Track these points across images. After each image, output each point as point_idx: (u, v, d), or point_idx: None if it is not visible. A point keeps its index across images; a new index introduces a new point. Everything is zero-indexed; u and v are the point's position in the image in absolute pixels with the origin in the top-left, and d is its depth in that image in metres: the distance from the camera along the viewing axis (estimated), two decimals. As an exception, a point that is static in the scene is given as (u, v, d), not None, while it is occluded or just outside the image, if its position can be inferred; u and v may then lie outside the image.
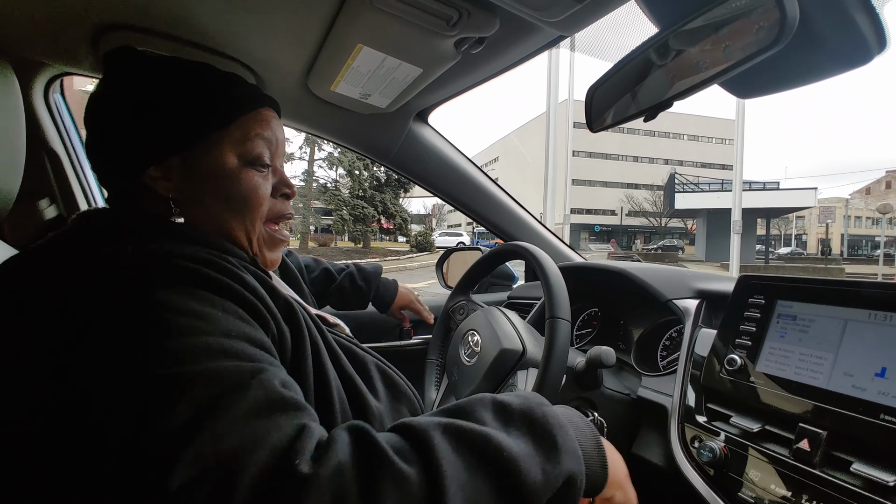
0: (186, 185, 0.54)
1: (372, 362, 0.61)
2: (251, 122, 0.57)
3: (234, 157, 0.55)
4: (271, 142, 0.59)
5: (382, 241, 28.57)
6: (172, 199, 0.54)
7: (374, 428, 0.51)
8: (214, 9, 0.73)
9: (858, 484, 0.52)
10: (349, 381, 0.55)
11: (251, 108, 0.58)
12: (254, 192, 0.56)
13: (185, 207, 0.54)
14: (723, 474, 0.65)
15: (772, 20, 0.41)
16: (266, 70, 0.93)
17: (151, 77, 0.55)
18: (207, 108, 0.55)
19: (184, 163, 0.54)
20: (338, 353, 0.56)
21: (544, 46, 0.77)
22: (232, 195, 0.55)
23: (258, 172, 0.57)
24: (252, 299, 0.45)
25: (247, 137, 0.56)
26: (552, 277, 0.78)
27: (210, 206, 0.55)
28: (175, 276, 0.42)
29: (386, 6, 0.64)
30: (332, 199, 18.68)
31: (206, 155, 0.54)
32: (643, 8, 0.57)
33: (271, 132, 0.59)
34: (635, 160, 42.21)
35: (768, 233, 26.18)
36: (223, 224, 0.55)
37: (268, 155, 0.58)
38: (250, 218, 0.56)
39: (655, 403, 0.83)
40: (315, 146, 18.49)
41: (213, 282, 0.43)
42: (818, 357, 0.61)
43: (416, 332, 1.40)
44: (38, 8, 0.73)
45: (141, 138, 0.53)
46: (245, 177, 0.55)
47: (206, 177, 0.54)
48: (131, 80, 0.55)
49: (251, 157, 0.56)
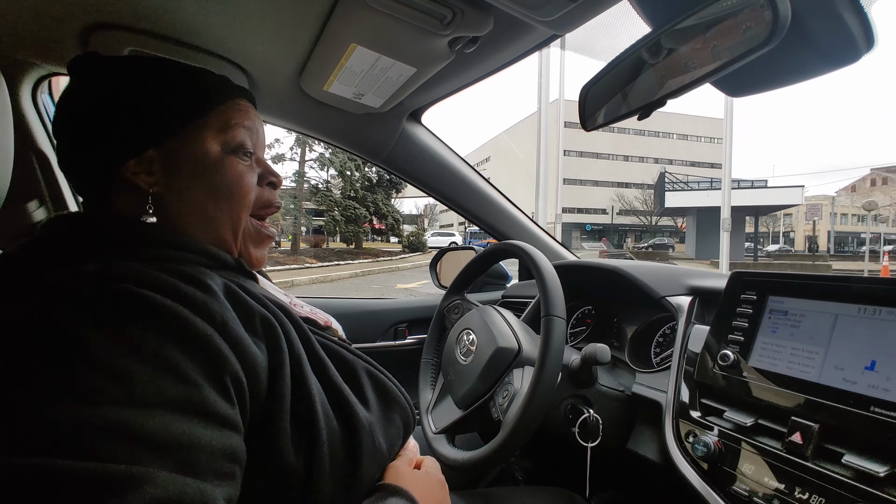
0: (169, 177, 0.52)
1: (362, 368, 0.58)
2: (230, 110, 0.56)
3: (216, 145, 0.54)
4: (252, 131, 0.58)
5: (375, 241, 28.47)
6: (154, 195, 0.52)
7: (363, 440, 0.50)
8: (205, 8, 0.73)
9: (849, 475, 0.53)
10: (337, 392, 0.51)
11: (227, 97, 0.57)
12: (239, 179, 0.54)
13: (168, 202, 0.52)
14: (717, 468, 0.66)
15: (764, 19, 0.42)
16: (258, 70, 0.92)
17: (123, 74, 0.54)
18: (184, 98, 0.54)
19: (165, 155, 0.52)
20: (325, 363, 0.52)
21: (538, 46, 0.77)
22: (217, 184, 0.53)
23: (242, 161, 0.56)
24: (208, 334, 0.40)
25: (228, 125, 0.55)
26: (547, 275, 0.79)
27: (195, 199, 0.53)
28: (111, 310, 0.37)
29: (380, 5, 0.64)
30: (324, 199, 18.58)
31: (188, 145, 0.53)
32: (636, 7, 0.57)
33: (251, 122, 0.58)
34: (626, 159, 42.51)
35: (757, 230, 26.50)
36: (209, 217, 0.53)
37: (250, 144, 0.57)
38: (237, 208, 0.55)
39: (650, 400, 0.84)
40: (306, 147, 18.39)
41: (160, 316, 0.38)
42: (809, 351, 0.62)
43: (410, 331, 1.40)
44: (27, 8, 0.72)
45: (118, 132, 0.51)
46: (230, 165, 0.54)
47: (189, 167, 0.53)
48: (103, 80, 0.53)
49: (234, 144, 0.55)
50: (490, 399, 0.81)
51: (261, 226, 0.59)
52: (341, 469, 0.47)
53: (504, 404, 0.77)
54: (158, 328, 0.38)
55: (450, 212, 3.87)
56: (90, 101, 0.52)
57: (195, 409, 0.37)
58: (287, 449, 0.43)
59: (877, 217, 33.01)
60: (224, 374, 0.40)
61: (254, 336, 0.45)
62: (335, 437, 0.48)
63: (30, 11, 0.73)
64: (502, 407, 0.77)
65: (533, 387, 0.70)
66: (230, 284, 0.47)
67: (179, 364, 0.37)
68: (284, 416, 0.44)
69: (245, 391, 0.41)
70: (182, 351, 0.38)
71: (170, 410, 0.36)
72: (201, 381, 0.38)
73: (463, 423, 0.86)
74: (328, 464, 0.46)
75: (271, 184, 0.61)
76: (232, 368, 0.40)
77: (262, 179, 0.59)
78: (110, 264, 0.41)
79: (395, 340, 1.39)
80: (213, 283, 0.44)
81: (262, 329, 0.46)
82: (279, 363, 0.45)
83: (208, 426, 0.37)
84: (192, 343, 0.39)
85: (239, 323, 0.43)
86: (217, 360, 0.39)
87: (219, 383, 0.39)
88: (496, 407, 0.79)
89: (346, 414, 0.51)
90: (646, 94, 0.57)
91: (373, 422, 0.53)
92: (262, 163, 0.60)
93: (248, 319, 0.45)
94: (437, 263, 1.60)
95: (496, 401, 0.79)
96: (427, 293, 1.56)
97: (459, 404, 0.87)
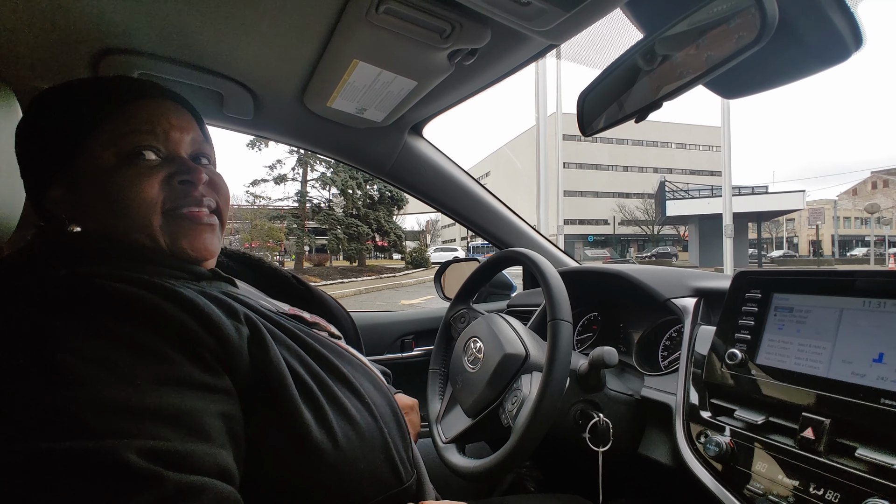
0: (74, 198, 0.54)
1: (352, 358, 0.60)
2: (123, 117, 0.54)
3: (111, 156, 0.53)
4: (155, 129, 0.55)
5: (378, 258, 28.52)
6: (68, 218, 0.54)
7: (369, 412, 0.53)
8: (211, 30, 0.75)
9: (864, 469, 0.52)
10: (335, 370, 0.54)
11: (122, 103, 0.55)
12: (131, 187, 0.52)
13: (80, 223, 0.54)
14: (730, 468, 0.66)
15: (753, 20, 0.44)
16: (263, 89, 0.95)
17: (31, 109, 0.56)
18: (70, 120, 0.54)
19: (70, 177, 0.54)
20: (318, 350, 0.55)
21: (535, 56, 0.79)
22: (110, 196, 0.52)
23: (140, 166, 0.53)
24: (179, 317, 0.42)
25: (119, 134, 0.53)
26: (552, 280, 0.79)
27: (97, 214, 0.53)
28: (83, 303, 0.40)
29: (381, 21, 0.66)
30: (326, 218, 18.69)
31: (84, 163, 0.53)
32: (629, 15, 0.59)
33: (156, 121, 0.55)
34: (625, 170, 42.72)
35: (760, 236, 26.42)
36: (117, 229, 0.52)
37: (155, 145, 0.54)
38: (139, 216, 0.52)
39: (659, 403, 0.83)
40: (307, 167, 18.57)
41: (129, 304, 0.41)
42: (817, 346, 0.63)
43: (417, 343, 1.40)
44: (40, 35, 0.75)
45: (28, 165, 0.56)
46: (122, 174, 0.52)
47: (87, 184, 0.53)
48: (25, 115, 0.57)
49: (126, 151, 0.53)
50: (499, 406, 0.81)
51: (185, 213, 0.55)
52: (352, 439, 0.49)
53: (513, 410, 0.77)
54: (128, 316, 0.41)
55: (452, 227, 3.92)
56: (18, 132, 0.57)
57: (181, 381, 0.40)
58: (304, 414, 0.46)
59: (880, 219, 32.90)
60: (202, 350, 0.43)
61: (234, 321, 0.47)
62: (341, 411, 0.50)
63: (43, 39, 0.75)
64: (512, 413, 0.77)
65: (542, 391, 0.70)
66: (208, 292, 0.49)
67: (155, 345, 0.40)
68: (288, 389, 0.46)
69: (228, 364, 0.44)
70: (156, 333, 0.41)
71: (158, 384, 0.39)
72: (180, 358, 0.41)
73: (473, 431, 0.86)
74: (340, 434, 0.48)
75: (185, 182, 0.55)
76: (209, 345, 0.43)
77: (172, 178, 0.55)
78: (79, 267, 0.44)
79: (401, 353, 1.39)
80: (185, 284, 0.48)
81: (246, 321, 0.48)
82: (264, 346, 0.47)
83: (199, 394, 0.40)
84: (164, 327, 0.41)
85: (209, 306, 0.45)
86: (191, 338, 0.42)
87: (198, 358, 0.42)
88: (506, 413, 0.79)
89: (352, 389, 0.54)
90: (642, 98, 0.59)
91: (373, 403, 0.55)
92: (178, 159, 0.56)
93: (231, 313, 0.48)
94: (442, 275, 1.60)
95: (505, 407, 0.79)
96: (430, 309, 1.56)
97: (468, 413, 0.87)
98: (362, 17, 0.66)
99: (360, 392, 0.55)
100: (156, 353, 0.40)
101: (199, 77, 0.87)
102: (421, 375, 1.08)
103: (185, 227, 0.55)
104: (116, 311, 0.40)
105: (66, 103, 0.55)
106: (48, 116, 0.55)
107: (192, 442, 0.37)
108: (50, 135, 0.54)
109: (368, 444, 0.51)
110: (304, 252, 20.33)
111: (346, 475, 0.48)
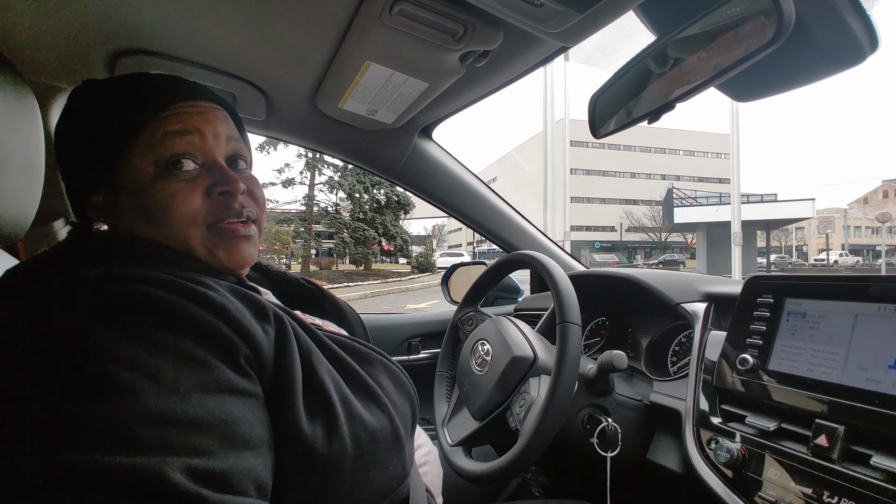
0: (113, 207, 0.53)
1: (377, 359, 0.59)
2: (160, 122, 0.51)
3: (149, 165, 0.51)
4: (192, 135, 0.52)
5: (384, 263, 28.56)
6: (106, 222, 0.53)
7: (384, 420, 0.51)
8: (226, 32, 0.76)
9: (879, 476, 0.52)
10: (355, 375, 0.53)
11: (159, 107, 0.52)
12: (170, 201, 0.50)
13: (118, 228, 0.53)
14: (741, 475, 0.65)
15: (768, 21, 0.43)
16: (276, 91, 0.96)
17: (70, 107, 0.55)
18: (109, 123, 0.52)
19: (109, 185, 0.52)
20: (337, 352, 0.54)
21: (546, 58, 0.79)
22: (149, 208, 0.50)
23: (178, 178, 0.51)
24: (216, 325, 0.42)
25: (156, 141, 0.51)
26: (560, 283, 0.79)
27: (136, 223, 0.51)
28: (119, 309, 0.39)
29: (394, 23, 0.67)
30: (333, 222, 18.77)
31: (123, 172, 0.51)
32: (641, 17, 0.59)
33: (191, 125, 0.52)
34: (633, 176, 42.56)
35: (768, 244, 26.17)
36: (156, 238, 0.51)
37: (192, 152, 0.52)
38: (180, 229, 0.51)
39: (669, 408, 0.82)
40: (315, 171, 18.68)
41: (167, 312, 0.40)
42: (830, 352, 0.62)
43: (424, 346, 1.40)
44: (59, 35, 0.76)
45: (71, 168, 0.55)
46: (160, 186, 0.50)
47: (126, 194, 0.52)
48: (64, 112, 0.56)
49: (165, 160, 0.51)
50: (507, 409, 0.81)
51: (225, 227, 0.53)
52: (363, 446, 0.48)
53: (521, 413, 0.76)
54: (169, 324, 0.40)
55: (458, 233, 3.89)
56: (57, 135, 0.56)
57: (224, 387, 0.40)
58: (303, 422, 0.45)
59: (891, 229, 32.50)
60: (238, 356, 0.42)
61: (263, 322, 0.47)
62: (354, 416, 0.49)
63: (62, 38, 0.77)
64: (519, 416, 0.76)
65: (551, 393, 0.70)
66: (236, 287, 0.49)
67: (197, 352, 0.40)
68: (295, 394, 0.46)
69: (257, 368, 0.44)
70: (195, 341, 0.40)
71: (202, 392, 0.38)
72: (221, 365, 0.41)
73: (479, 434, 0.85)
74: (349, 442, 0.47)
75: (224, 193, 0.53)
76: (244, 351, 0.43)
77: (212, 190, 0.53)
78: (112, 269, 0.43)
79: (408, 355, 1.39)
80: (215, 282, 0.47)
81: (275, 319, 0.48)
82: (286, 347, 0.47)
83: (238, 400, 0.41)
84: (202, 334, 0.41)
85: (240, 310, 0.45)
86: (229, 346, 0.42)
87: (235, 364, 0.42)
88: (513, 416, 0.78)
89: (370, 393, 0.52)
90: (655, 99, 0.59)
91: (391, 403, 0.54)
92: (217, 169, 0.53)
93: (261, 312, 0.47)
94: (449, 279, 1.60)
95: (513, 410, 0.79)
96: (436, 314, 1.56)
97: (476, 415, 0.87)
98: (375, 19, 0.67)
99: (378, 394, 0.54)
100: (198, 360, 0.40)
101: (213, 78, 0.88)
102: (428, 378, 1.08)
103: (225, 238, 0.53)
104: (156, 318, 0.40)
105: (105, 105, 0.54)
106: (90, 118, 0.53)
107: (234, 453, 0.37)
108: (92, 139, 0.53)
109: (382, 450, 0.51)
110: (311, 255, 20.40)
111: (359, 483, 0.48)
